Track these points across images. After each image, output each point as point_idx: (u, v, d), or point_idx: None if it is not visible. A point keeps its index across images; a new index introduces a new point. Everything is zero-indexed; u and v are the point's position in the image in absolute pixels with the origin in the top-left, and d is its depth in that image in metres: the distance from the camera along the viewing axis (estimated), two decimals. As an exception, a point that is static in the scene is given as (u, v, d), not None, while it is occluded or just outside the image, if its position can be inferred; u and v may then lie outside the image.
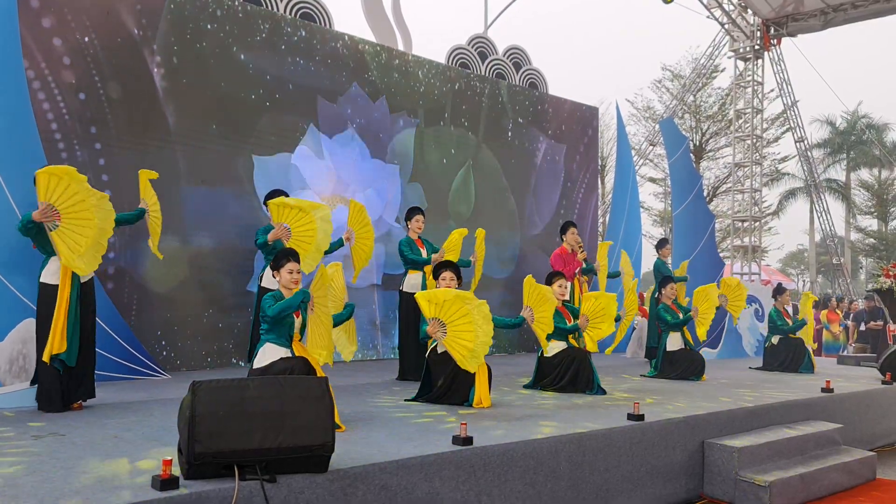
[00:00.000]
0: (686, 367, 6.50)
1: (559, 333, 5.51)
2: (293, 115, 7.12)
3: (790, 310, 8.06)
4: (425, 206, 7.72)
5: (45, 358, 3.98)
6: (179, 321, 6.17)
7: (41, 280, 4.10)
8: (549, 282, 5.77)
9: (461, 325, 4.44)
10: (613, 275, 7.63)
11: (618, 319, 6.01)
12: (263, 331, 3.95)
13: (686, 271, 8.32)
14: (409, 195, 8.04)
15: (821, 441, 5.06)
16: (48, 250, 4.10)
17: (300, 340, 4.01)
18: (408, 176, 8.14)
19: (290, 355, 3.86)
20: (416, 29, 8.62)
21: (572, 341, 5.69)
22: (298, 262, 4.07)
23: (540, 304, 5.22)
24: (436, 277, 5.06)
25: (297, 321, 4.01)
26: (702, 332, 6.75)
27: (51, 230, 4.00)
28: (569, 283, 5.94)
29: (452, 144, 8.60)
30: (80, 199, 4.02)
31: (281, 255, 4.11)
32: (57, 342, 3.97)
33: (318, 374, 3.91)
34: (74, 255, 3.98)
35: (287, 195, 5.71)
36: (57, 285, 4.05)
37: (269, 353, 3.86)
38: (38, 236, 4.09)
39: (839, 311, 12.62)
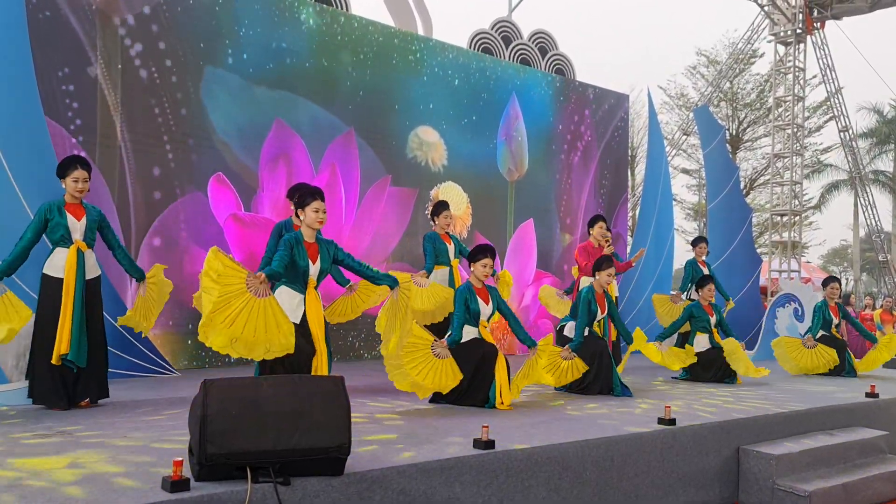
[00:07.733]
0: (720, 369, 6.26)
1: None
2: (296, 112, 6.80)
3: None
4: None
5: (55, 360, 3.92)
6: (186, 318, 6.06)
7: (44, 271, 4.05)
8: (597, 267, 5.58)
9: None
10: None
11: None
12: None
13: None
14: (427, 199, 7.70)
15: (865, 449, 4.84)
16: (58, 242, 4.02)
17: (315, 288, 3.98)
18: (425, 178, 7.78)
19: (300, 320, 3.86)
20: (436, 12, 8.24)
21: (595, 328, 5.51)
22: (324, 201, 3.97)
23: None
24: (472, 261, 4.81)
25: (314, 268, 3.93)
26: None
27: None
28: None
29: (473, 141, 8.24)
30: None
31: (307, 193, 3.96)
32: (65, 342, 3.92)
33: (319, 354, 3.90)
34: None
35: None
36: (60, 279, 3.99)
37: (283, 298, 3.83)
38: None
39: (895, 313, 12.15)
